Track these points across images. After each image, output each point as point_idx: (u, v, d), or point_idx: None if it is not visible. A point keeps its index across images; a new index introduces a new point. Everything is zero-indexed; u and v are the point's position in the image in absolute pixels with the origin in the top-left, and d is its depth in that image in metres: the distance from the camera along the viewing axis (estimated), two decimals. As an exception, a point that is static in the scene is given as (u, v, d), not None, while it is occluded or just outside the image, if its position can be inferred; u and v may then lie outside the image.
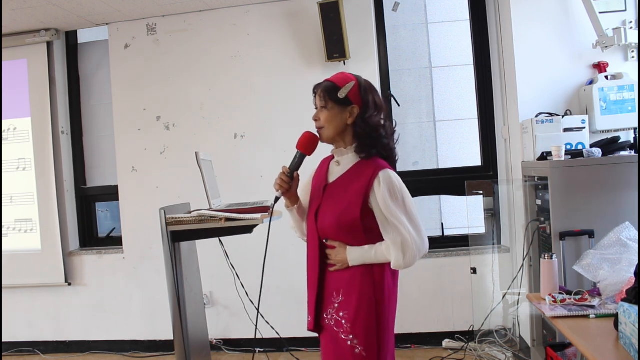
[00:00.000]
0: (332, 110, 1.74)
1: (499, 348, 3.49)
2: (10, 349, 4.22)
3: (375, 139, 1.73)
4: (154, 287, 3.97)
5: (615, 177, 2.66)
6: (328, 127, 1.75)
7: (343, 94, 1.72)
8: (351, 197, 1.71)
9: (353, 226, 1.71)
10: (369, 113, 1.73)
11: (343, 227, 1.72)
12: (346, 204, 1.71)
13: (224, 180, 3.53)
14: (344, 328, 1.72)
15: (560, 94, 3.21)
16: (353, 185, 1.72)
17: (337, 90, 1.73)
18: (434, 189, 3.98)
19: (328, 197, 1.78)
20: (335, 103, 1.74)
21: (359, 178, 1.71)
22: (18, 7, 3.61)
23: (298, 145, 1.82)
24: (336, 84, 1.75)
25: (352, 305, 1.71)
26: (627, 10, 3.16)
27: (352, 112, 1.73)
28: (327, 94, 1.75)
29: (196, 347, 2.51)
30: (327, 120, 1.75)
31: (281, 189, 1.81)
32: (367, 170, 1.71)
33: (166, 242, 2.25)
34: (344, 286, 1.74)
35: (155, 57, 4.05)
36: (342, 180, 1.77)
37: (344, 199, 1.73)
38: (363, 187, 1.69)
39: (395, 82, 4.03)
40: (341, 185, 1.76)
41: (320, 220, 1.78)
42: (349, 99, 1.73)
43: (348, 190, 1.73)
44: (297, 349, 3.80)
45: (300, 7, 3.86)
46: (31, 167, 4.16)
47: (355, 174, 1.74)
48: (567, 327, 1.80)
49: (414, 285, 3.75)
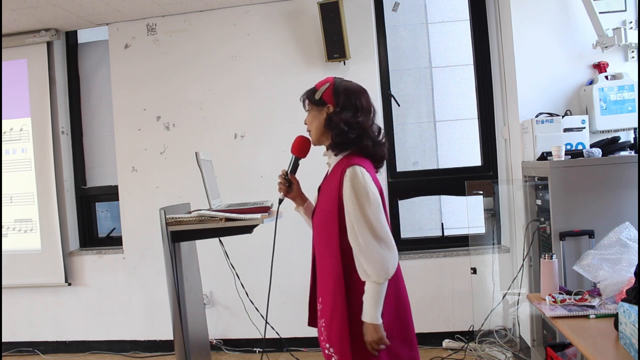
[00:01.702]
0: (311, 112, 1.81)
1: (499, 348, 3.49)
2: (10, 349, 4.22)
3: (341, 135, 1.72)
4: (154, 287, 3.97)
5: (615, 177, 2.66)
6: (312, 129, 1.81)
7: (318, 95, 1.77)
8: (329, 197, 1.73)
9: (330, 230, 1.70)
10: (341, 112, 1.72)
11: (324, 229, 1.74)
12: (326, 204, 1.74)
13: (224, 180, 3.53)
14: (324, 335, 1.75)
15: (560, 94, 3.21)
16: (331, 184, 1.74)
17: (315, 93, 1.79)
18: (434, 189, 3.98)
19: (319, 198, 1.84)
20: (313, 105, 1.79)
21: (335, 177, 1.73)
22: (18, 7, 3.61)
23: (292, 149, 1.90)
24: (315, 88, 1.81)
25: (327, 313, 1.72)
26: (627, 10, 3.16)
27: (327, 111, 1.76)
28: (306, 98, 1.81)
29: (196, 347, 2.51)
30: (310, 122, 1.81)
31: (281, 191, 1.90)
32: (340, 167, 1.71)
33: (166, 242, 2.26)
34: (322, 294, 1.78)
35: (155, 57, 4.05)
36: (326, 181, 1.82)
37: (325, 200, 1.77)
38: (336, 187, 1.69)
39: (395, 82, 4.03)
40: (326, 186, 1.81)
41: (313, 222, 1.85)
42: (324, 100, 1.76)
43: (328, 191, 1.76)
44: (297, 349, 3.80)
45: (300, 7, 3.86)
46: (31, 167, 4.16)
47: (334, 174, 1.76)
48: (567, 327, 1.80)
49: (414, 285, 3.73)
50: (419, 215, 4.10)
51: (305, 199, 1.97)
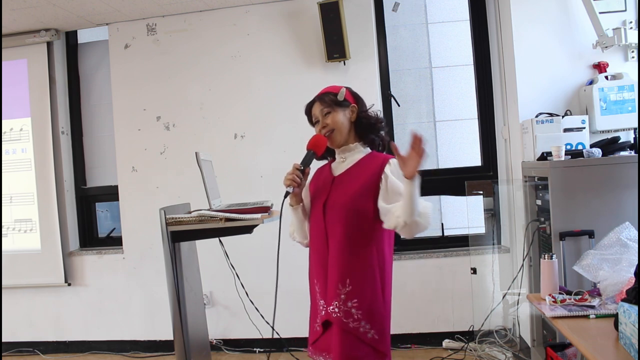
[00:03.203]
0: (336, 112, 1.91)
1: (499, 348, 3.49)
2: (10, 349, 4.22)
3: (376, 129, 1.94)
4: (154, 287, 3.97)
5: (615, 177, 2.66)
6: (339, 127, 1.90)
7: (342, 97, 1.92)
8: (364, 181, 1.82)
9: (365, 209, 1.79)
10: (365, 108, 1.96)
11: (355, 207, 1.80)
12: (360, 185, 1.82)
13: (224, 180, 3.52)
14: (353, 317, 1.78)
15: (560, 94, 3.21)
16: (364, 172, 1.85)
17: (336, 95, 1.92)
18: (434, 189, 3.98)
19: (337, 186, 1.89)
20: (338, 106, 1.91)
21: (369, 167, 1.85)
22: (18, 7, 3.61)
23: (309, 145, 1.92)
24: (331, 92, 1.94)
25: (365, 291, 1.79)
26: (627, 10, 3.16)
27: (353, 110, 1.93)
28: (329, 99, 1.92)
29: (196, 347, 2.51)
30: (336, 121, 1.90)
31: (293, 184, 1.87)
32: (377, 160, 1.86)
33: (166, 242, 2.26)
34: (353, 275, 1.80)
35: (155, 57, 4.05)
36: (352, 171, 1.89)
37: (356, 184, 1.84)
38: (375, 173, 1.82)
39: (395, 82, 4.03)
40: (351, 174, 1.88)
41: (329, 208, 1.86)
42: (348, 100, 1.93)
43: (359, 177, 1.85)
44: (297, 349, 3.80)
45: (300, 7, 3.86)
46: (31, 167, 4.17)
47: (365, 165, 1.87)
48: (567, 327, 1.80)
49: (414, 285, 3.75)
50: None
51: (302, 198, 1.98)
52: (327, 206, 1.87)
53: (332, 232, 1.84)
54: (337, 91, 1.92)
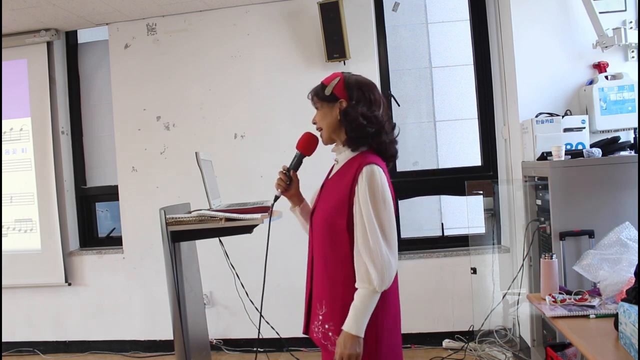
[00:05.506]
0: (322, 108, 1.72)
1: (499, 348, 3.49)
2: (10, 349, 4.22)
3: (358, 129, 1.64)
4: (154, 287, 3.97)
5: (615, 177, 2.66)
6: (324, 126, 1.72)
7: (329, 91, 1.69)
8: (339, 194, 1.63)
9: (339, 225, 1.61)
10: (355, 106, 1.66)
11: (331, 222, 1.63)
12: (335, 198, 1.65)
13: (224, 180, 3.52)
14: (331, 340, 1.64)
15: (560, 94, 3.21)
16: (342, 181, 1.65)
17: (324, 89, 1.71)
18: (434, 189, 3.98)
19: (323, 194, 1.74)
20: (323, 101, 1.71)
21: (347, 174, 1.64)
22: (18, 7, 3.61)
23: (297, 145, 1.82)
24: (323, 84, 1.72)
25: (337, 316, 1.62)
26: (627, 10, 3.16)
27: (340, 107, 1.68)
28: (315, 95, 1.73)
29: (196, 347, 2.51)
30: (320, 120, 1.73)
31: (279, 187, 1.82)
32: (355, 164, 1.63)
33: (166, 242, 2.26)
34: (326, 297, 1.66)
35: (155, 57, 4.05)
36: (336, 177, 1.72)
37: (333, 195, 1.67)
38: (349, 184, 1.61)
39: (395, 82, 4.03)
40: (334, 182, 1.71)
41: (314, 219, 1.73)
42: (335, 95, 1.69)
43: (337, 188, 1.66)
44: (297, 349, 3.80)
45: (300, 7, 3.86)
46: (31, 167, 4.16)
47: (345, 170, 1.67)
48: (567, 327, 1.80)
49: (414, 285, 3.75)
50: (419, 215, 4.10)
51: (302, 199, 1.88)
52: (313, 216, 1.75)
53: (315, 247, 1.73)
54: (328, 82, 1.70)
